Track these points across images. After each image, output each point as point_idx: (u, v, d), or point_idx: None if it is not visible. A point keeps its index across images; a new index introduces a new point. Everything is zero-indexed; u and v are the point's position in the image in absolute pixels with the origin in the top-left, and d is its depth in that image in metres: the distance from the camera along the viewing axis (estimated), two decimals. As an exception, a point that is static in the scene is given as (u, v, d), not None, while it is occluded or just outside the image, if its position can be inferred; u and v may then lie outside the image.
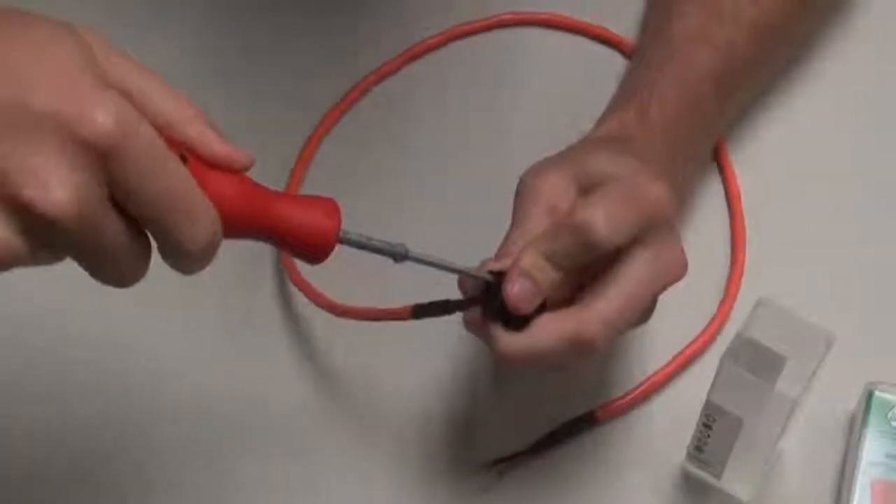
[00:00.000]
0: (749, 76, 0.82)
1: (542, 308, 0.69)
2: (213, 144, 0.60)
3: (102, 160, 0.54)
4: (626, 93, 0.80)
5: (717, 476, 0.75)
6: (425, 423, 0.80)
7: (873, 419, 0.75)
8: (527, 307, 0.68)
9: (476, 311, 0.70)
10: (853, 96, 0.88)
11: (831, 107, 0.88)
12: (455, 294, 0.71)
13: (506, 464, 0.78)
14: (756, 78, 0.84)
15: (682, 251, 0.71)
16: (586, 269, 0.69)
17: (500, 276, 0.69)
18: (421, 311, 0.70)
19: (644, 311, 0.71)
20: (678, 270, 0.71)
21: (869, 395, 0.76)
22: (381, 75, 0.90)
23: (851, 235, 0.84)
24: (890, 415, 0.75)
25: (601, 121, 0.78)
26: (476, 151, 0.88)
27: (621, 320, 0.69)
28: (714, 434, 0.72)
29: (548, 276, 0.68)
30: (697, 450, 0.74)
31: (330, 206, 0.63)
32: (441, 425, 0.80)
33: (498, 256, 0.70)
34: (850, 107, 0.88)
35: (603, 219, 0.68)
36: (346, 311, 0.76)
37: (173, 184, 0.56)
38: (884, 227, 0.84)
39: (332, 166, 0.87)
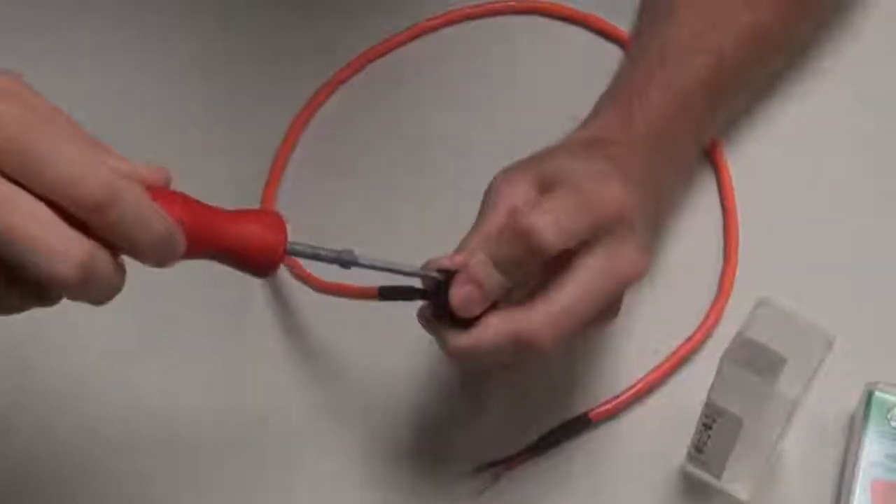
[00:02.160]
0: (742, 82, 0.82)
1: (493, 308, 0.69)
2: (121, 164, 0.59)
3: None
4: (612, 95, 0.80)
5: (717, 476, 0.75)
6: (419, 425, 0.80)
7: (873, 419, 0.75)
8: (471, 311, 0.69)
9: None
10: (851, 95, 0.88)
11: (829, 105, 0.87)
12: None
13: (500, 467, 0.78)
14: (750, 83, 0.83)
15: (640, 252, 0.70)
16: (544, 271, 0.69)
17: (449, 274, 0.69)
18: (387, 293, 0.71)
19: (600, 311, 0.70)
20: (633, 272, 0.70)
21: (869, 396, 0.76)
22: (372, 58, 0.90)
23: (851, 235, 0.84)
24: (890, 415, 0.75)
25: (584, 122, 0.78)
26: (470, 138, 0.87)
27: (568, 320, 0.68)
28: (714, 434, 0.72)
29: (495, 280, 0.68)
30: (697, 450, 0.74)
31: (276, 220, 0.64)
32: (434, 428, 0.80)
33: (454, 254, 0.71)
34: (848, 105, 0.87)
35: (549, 224, 0.67)
36: (322, 286, 0.77)
37: None
38: (884, 226, 0.84)
39: (319, 152, 0.87)
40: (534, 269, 0.69)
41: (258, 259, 0.63)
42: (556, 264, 0.69)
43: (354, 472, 0.79)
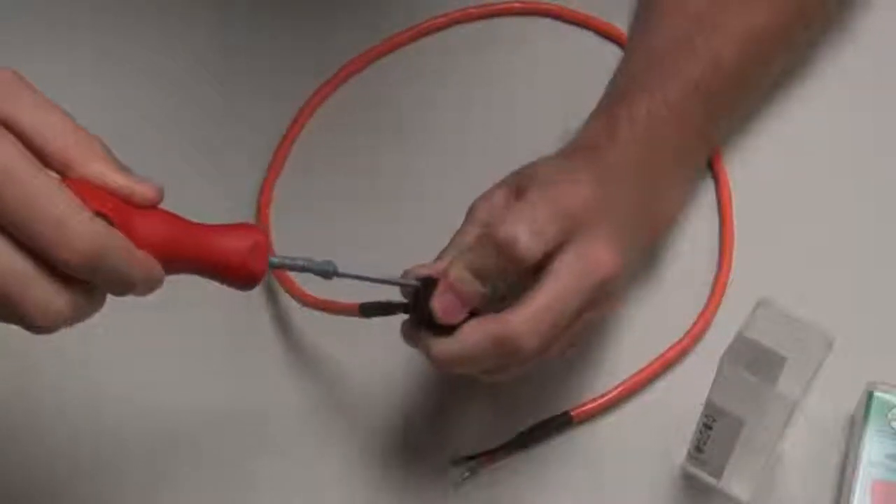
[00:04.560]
0: (743, 85, 0.81)
1: (473, 315, 0.70)
2: (117, 180, 0.59)
3: None
4: (601, 103, 0.80)
5: (717, 476, 0.75)
6: (397, 417, 0.80)
7: (873, 419, 0.75)
8: (452, 319, 0.70)
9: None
10: (849, 95, 0.88)
11: (826, 106, 0.87)
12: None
13: (476, 461, 0.78)
14: (752, 86, 0.83)
15: (610, 252, 0.71)
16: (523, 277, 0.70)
17: (428, 282, 0.70)
18: (367, 310, 0.72)
19: (582, 309, 0.71)
20: (605, 269, 0.71)
21: (869, 396, 0.76)
22: (372, 59, 0.90)
23: (852, 235, 0.84)
24: (890, 415, 0.75)
25: (575, 134, 0.79)
26: (470, 138, 0.87)
27: (546, 318, 0.69)
28: (714, 434, 0.72)
29: (475, 289, 0.70)
30: (697, 450, 0.74)
31: (257, 235, 0.64)
32: (419, 422, 0.80)
33: (432, 262, 0.72)
34: (846, 106, 0.87)
35: (525, 234, 0.69)
36: (308, 301, 0.78)
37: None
38: (883, 226, 0.84)
39: (317, 152, 0.88)
40: (515, 276, 0.70)
41: (237, 275, 0.63)
42: (537, 269, 0.70)
43: (329, 463, 0.79)
